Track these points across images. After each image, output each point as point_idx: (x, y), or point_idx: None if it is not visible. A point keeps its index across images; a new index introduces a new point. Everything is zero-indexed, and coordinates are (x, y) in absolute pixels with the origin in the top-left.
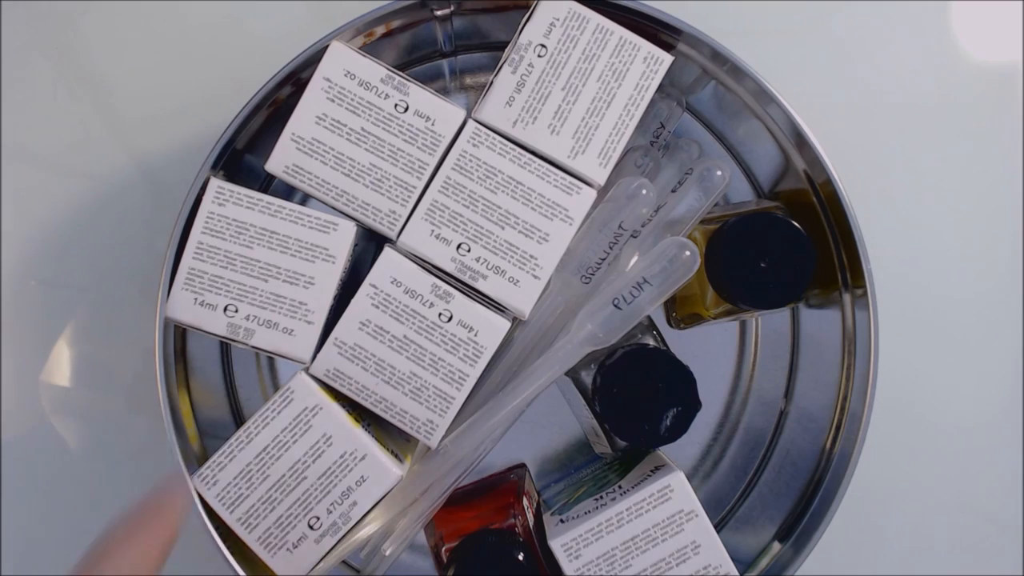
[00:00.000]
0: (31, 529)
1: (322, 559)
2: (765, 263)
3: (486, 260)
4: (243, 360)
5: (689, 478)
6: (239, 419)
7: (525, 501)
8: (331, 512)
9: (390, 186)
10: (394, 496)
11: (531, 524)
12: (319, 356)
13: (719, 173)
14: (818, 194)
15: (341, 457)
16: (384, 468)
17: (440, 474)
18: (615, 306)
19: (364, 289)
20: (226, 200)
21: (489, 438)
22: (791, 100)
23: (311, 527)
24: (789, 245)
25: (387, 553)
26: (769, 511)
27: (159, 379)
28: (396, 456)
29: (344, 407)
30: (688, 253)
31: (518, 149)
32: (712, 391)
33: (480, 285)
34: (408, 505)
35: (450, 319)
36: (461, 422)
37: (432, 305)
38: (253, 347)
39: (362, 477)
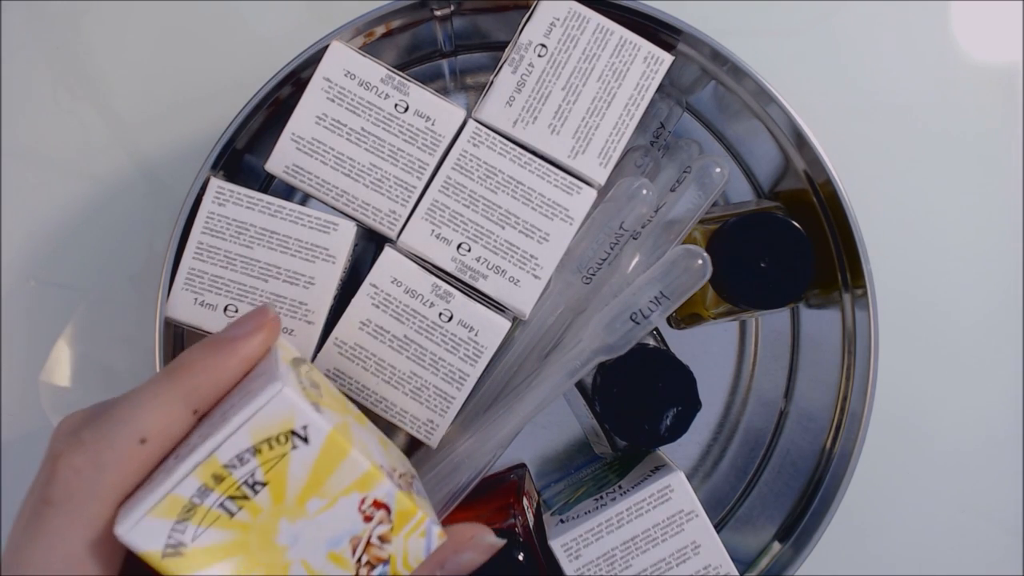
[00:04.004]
0: None
1: None
2: (765, 263)
3: (486, 260)
4: None
5: (689, 478)
6: None
7: (525, 501)
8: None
9: (390, 186)
10: None
11: (531, 524)
12: (319, 356)
13: (718, 170)
14: (818, 194)
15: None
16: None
17: (455, 486)
18: (634, 321)
19: (364, 289)
20: (226, 200)
21: (500, 446)
22: (791, 100)
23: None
24: (789, 245)
25: None
26: (769, 511)
27: None
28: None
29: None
30: (700, 262)
31: (518, 149)
32: (712, 391)
33: (480, 285)
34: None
35: (450, 319)
36: (461, 422)
37: (432, 305)
38: None
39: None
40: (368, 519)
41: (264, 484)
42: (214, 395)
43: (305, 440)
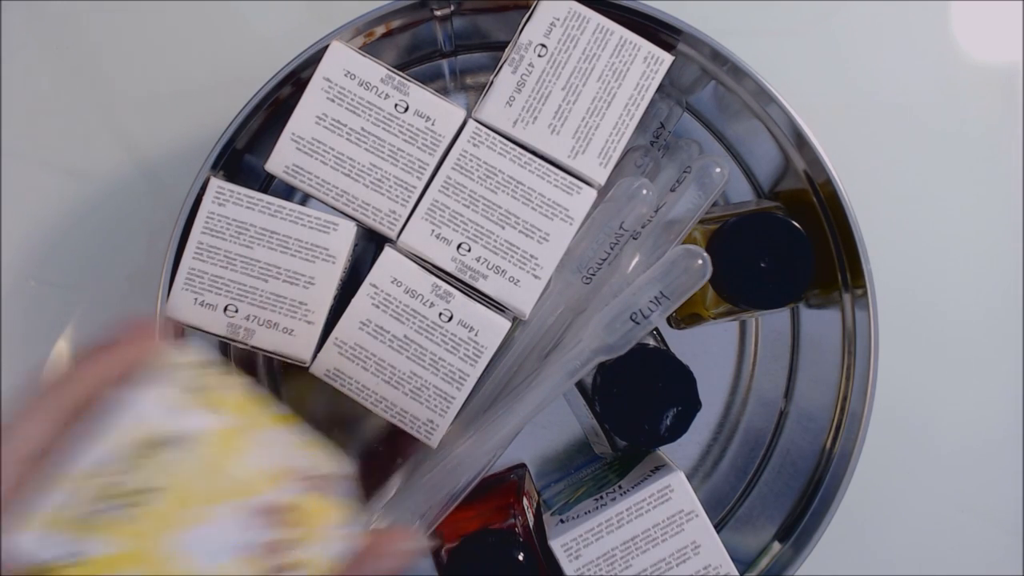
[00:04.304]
0: None
1: None
2: (765, 263)
3: (486, 260)
4: (243, 360)
5: (689, 478)
6: None
7: (525, 501)
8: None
9: (390, 186)
10: (406, 504)
11: (531, 524)
12: (319, 356)
13: (717, 170)
14: (818, 194)
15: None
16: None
17: (455, 486)
18: (634, 321)
19: (364, 289)
20: (226, 200)
21: (499, 446)
22: (791, 100)
23: None
24: (789, 245)
25: None
26: (769, 511)
27: None
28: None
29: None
30: (700, 262)
31: (518, 149)
32: (712, 391)
33: (480, 285)
34: (420, 513)
35: (450, 319)
36: (461, 422)
37: (432, 305)
38: (253, 347)
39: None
40: (267, 524)
41: (150, 491)
42: (85, 404)
43: (184, 444)
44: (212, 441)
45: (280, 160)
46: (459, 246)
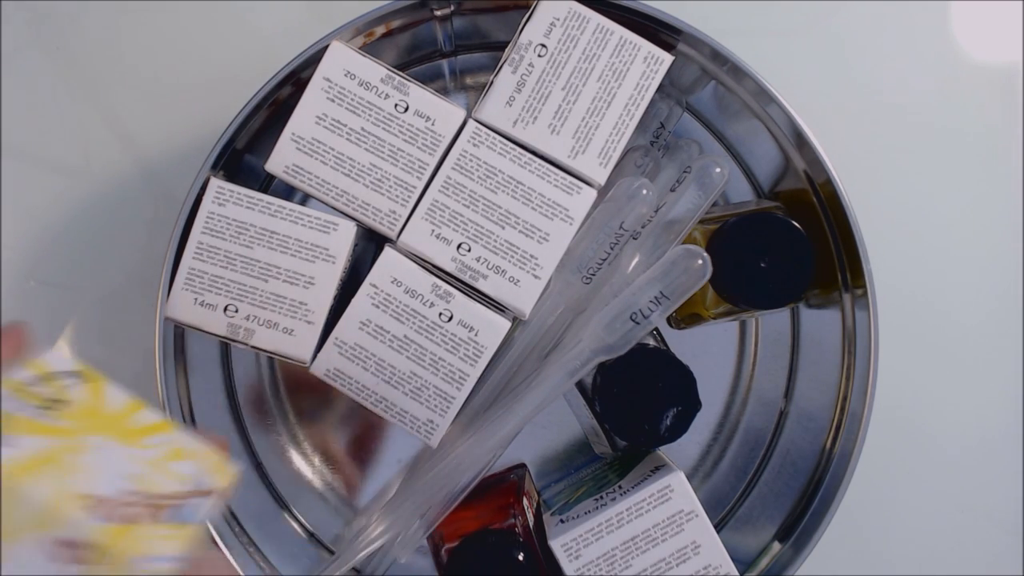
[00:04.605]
0: None
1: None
2: (765, 263)
3: (486, 260)
4: (243, 360)
5: (689, 478)
6: (239, 418)
7: (525, 501)
8: None
9: (390, 186)
10: (406, 504)
11: (531, 524)
12: (319, 356)
13: (717, 170)
14: (818, 194)
15: None
16: None
17: (454, 485)
18: (634, 321)
19: (364, 289)
20: (226, 200)
21: (499, 446)
22: (791, 100)
23: None
24: (789, 245)
25: (402, 561)
26: (769, 511)
27: (159, 379)
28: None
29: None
30: (700, 262)
31: (518, 149)
32: (712, 391)
33: (480, 285)
34: (420, 514)
35: (450, 319)
36: (461, 422)
37: (432, 305)
38: (253, 347)
39: None
40: (72, 559)
41: None
42: None
43: None
44: (10, 469)
45: (280, 160)
46: (459, 246)
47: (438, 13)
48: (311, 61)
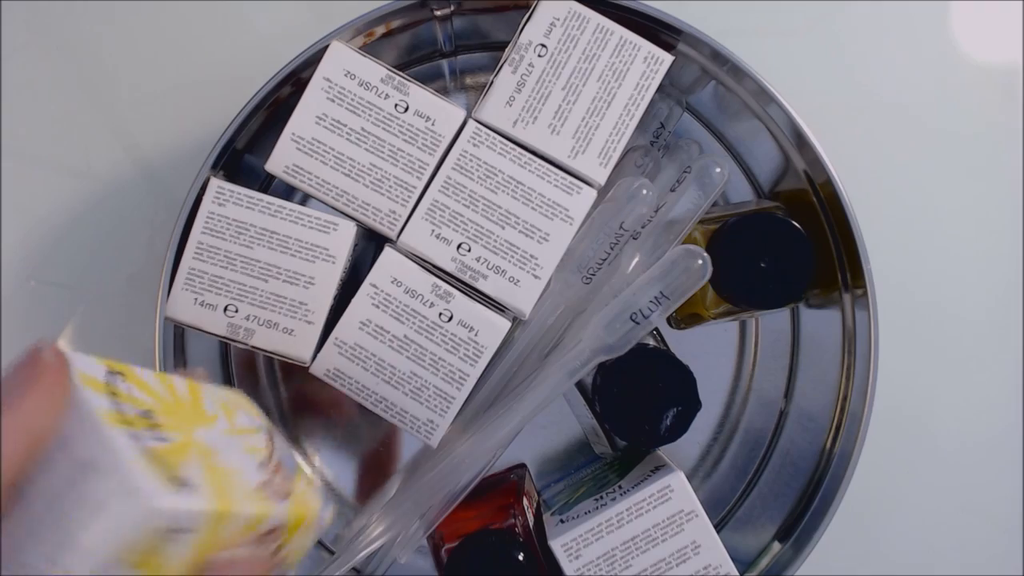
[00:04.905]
0: None
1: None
2: (765, 263)
3: (486, 260)
4: (243, 360)
5: (689, 478)
6: None
7: (525, 501)
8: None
9: (390, 186)
10: (406, 504)
11: (531, 524)
12: (319, 356)
13: (717, 170)
14: (818, 194)
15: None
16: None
17: (454, 485)
18: (634, 321)
19: (364, 289)
20: (226, 200)
21: (499, 446)
22: (791, 100)
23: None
24: (789, 245)
25: (402, 561)
26: (769, 511)
27: None
28: (185, 486)
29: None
30: (700, 262)
31: (518, 149)
32: (712, 391)
33: (480, 285)
34: (420, 514)
35: (450, 319)
36: (461, 422)
37: (432, 305)
38: (253, 347)
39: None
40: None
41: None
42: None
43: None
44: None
45: (280, 160)
46: (459, 246)
47: (438, 13)
48: (311, 61)
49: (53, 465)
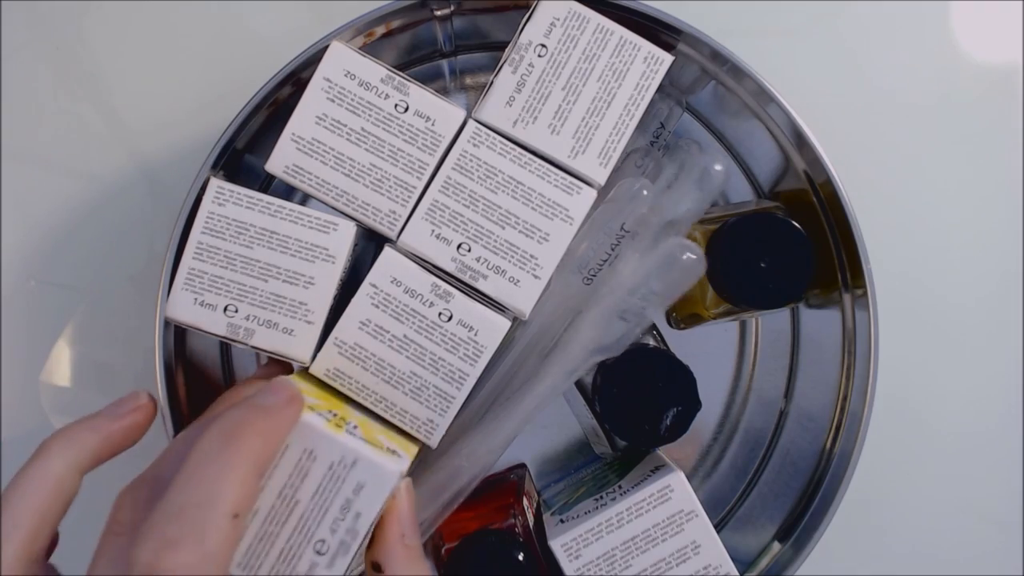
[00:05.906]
0: None
1: None
2: (765, 263)
3: (486, 260)
4: (243, 360)
5: (689, 478)
6: None
7: (525, 501)
8: (335, 531)
9: (390, 186)
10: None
11: (531, 524)
12: (319, 356)
13: (717, 168)
14: (818, 194)
15: (330, 469)
16: (380, 468)
17: (455, 486)
18: (624, 320)
19: (364, 289)
20: (226, 200)
21: (499, 446)
22: (791, 100)
23: (318, 552)
24: (789, 245)
25: None
26: (769, 511)
27: (159, 379)
28: (394, 452)
29: (322, 415)
30: (694, 257)
31: (518, 149)
32: (712, 391)
33: (480, 285)
34: (421, 518)
35: (450, 319)
36: (461, 422)
37: (432, 305)
38: (253, 347)
39: (359, 484)
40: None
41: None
42: (272, 462)
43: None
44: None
45: (280, 160)
46: (459, 246)
47: (438, 13)
48: (311, 61)
49: (310, 470)
